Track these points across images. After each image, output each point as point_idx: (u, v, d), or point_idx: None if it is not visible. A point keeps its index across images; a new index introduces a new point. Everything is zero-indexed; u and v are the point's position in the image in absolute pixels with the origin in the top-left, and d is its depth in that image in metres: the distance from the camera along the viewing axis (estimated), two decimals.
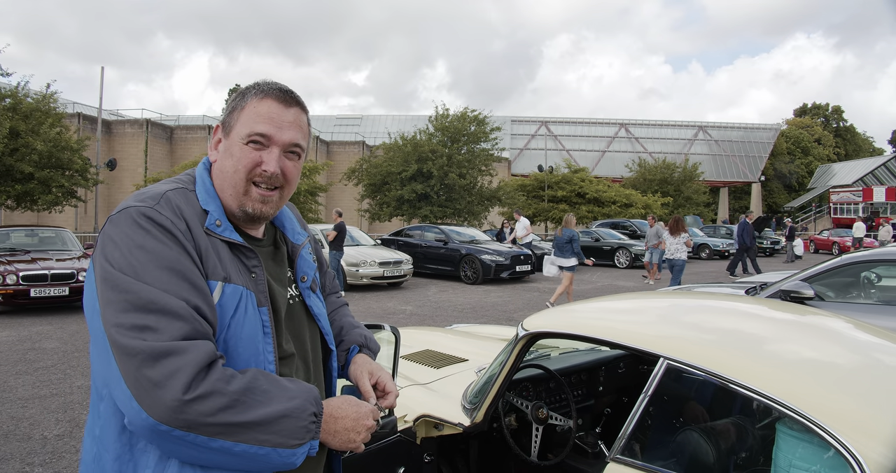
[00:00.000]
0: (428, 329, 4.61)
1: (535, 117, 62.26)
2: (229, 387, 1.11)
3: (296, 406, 1.18)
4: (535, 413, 2.57)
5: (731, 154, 59.01)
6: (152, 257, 1.15)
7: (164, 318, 1.10)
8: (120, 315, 1.10)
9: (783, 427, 1.65)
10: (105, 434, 1.21)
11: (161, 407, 1.05)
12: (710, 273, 19.83)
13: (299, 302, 1.48)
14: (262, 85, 1.36)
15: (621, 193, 34.67)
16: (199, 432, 1.08)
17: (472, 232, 19.32)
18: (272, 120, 1.32)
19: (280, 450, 1.15)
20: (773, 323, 2.28)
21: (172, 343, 1.09)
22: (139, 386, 1.07)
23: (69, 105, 33.07)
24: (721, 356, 1.85)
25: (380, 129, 48.63)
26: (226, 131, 1.36)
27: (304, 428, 1.18)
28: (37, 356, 7.57)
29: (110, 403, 1.19)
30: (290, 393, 1.19)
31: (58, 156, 18.35)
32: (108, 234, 1.20)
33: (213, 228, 1.28)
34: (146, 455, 1.17)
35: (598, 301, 2.79)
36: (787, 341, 2.07)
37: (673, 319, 2.31)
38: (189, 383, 1.07)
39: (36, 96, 18.88)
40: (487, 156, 28.32)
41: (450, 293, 14.37)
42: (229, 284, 1.25)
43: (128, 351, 1.08)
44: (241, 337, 1.25)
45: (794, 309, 2.60)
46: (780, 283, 6.14)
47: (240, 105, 1.35)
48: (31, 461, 4.31)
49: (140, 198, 1.25)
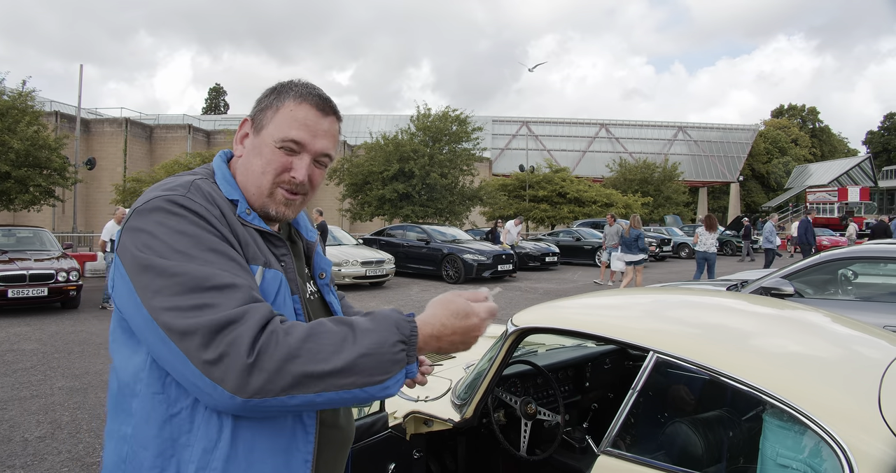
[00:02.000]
0: None
1: (516, 117, 62.44)
2: (288, 339, 1.07)
3: (372, 342, 1.10)
4: (524, 409, 2.59)
5: (710, 154, 59.65)
6: (195, 241, 1.13)
7: (221, 293, 1.08)
8: (175, 298, 1.08)
9: (770, 417, 1.69)
10: (141, 431, 1.17)
11: (232, 378, 1.03)
12: (691, 271, 20.00)
13: (318, 298, 1.48)
14: (301, 87, 1.33)
15: (602, 193, 34.90)
16: (274, 393, 1.04)
17: (454, 231, 19.34)
18: (308, 127, 1.30)
19: (367, 389, 1.10)
20: (756, 318, 2.33)
21: (231, 311, 1.06)
22: (206, 364, 1.04)
23: (47, 103, 32.58)
24: (709, 349, 1.88)
25: (361, 129, 48.46)
26: (256, 128, 1.33)
27: (390, 361, 1.11)
28: (15, 357, 7.46)
29: (147, 399, 1.17)
30: (363, 328, 1.12)
31: (35, 155, 18.04)
32: (136, 226, 1.16)
33: (245, 216, 1.27)
34: (189, 449, 1.15)
35: (583, 297, 2.82)
36: (771, 334, 2.11)
37: (658, 314, 2.35)
38: (250, 345, 1.04)
39: (12, 94, 18.54)
40: (469, 156, 28.35)
41: (432, 292, 14.36)
42: (269, 269, 1.25)
43: (186, 332, 1.05)
44: None
45: (775, 303, 2.66)
46: (760, 281, 6.23)
47: (275, 104, 1.31)
48: (13, 463, 4.26)
49: (167, 187, 1.23)
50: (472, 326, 1.21)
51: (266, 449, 1.18)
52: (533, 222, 36.50)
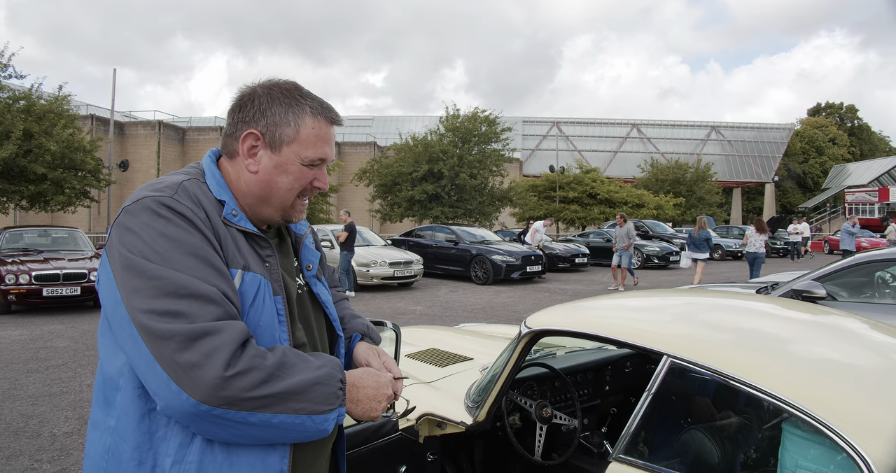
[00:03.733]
0: (434, 328, 4.58)
1: (546, 118, 62.12)
2: (266, 362, 1.14)
3: (325, 374, 1.22)
4: (539, 413, 2.54)
5: (745, 154, 58.57)
6: (176, 244, 1.16)
7: (197, 303, 1.12)
8: (150, 301, 1.11)
9: (790, 427, 1.61)
10: (122, 424, 1.20)
11: (202, 387, 1.07)
12: (722, 273, 19.70)
13: (307, 290, 1.50)
14: (312, 101, 1.37)
15: (633, 194, 34.56)
16: (239, 407, 1.09)
17: (483, 232, 19.26)
18: (328, 143, 1.38)
19: (314, 417, 1.18)
20: (786, 322, 2.24)
21: (207, 324, 1.10)
22: (177, 368, 1.07)
23: (82, 107, 33.36)
24: (726, 354, 1.81)
25: (391, 130, 48.63)
26: (272, 145, 1.34)
27: (334, 394, 1.22)
28: (48, 354, 7.61)
29: (128, 393, 1.20)
30: (318, 364, 1.23)
31: (70, 157, 18.49)
32: (125, 224, 1.20)
33: (230, 218, 1.31)
34: (166, 443, 1.18)
35: (611, 298, 2.75)
36: (800, 340, 2.02)
37: (688, 317, 2.27)
38: (228, 360, 1.08)
39: (49, 98, 19.02)
40: (498, 157, 28.26)
41: (460, 293, 14.34)
42: (248, 272, 1.28)
43: (162, 336, 1.09)
44: (258, 324, 1.27)
45: (807, 308, 2.55)
46: (791, 283, 6.07)
47: (292, 121, 1.33)
48: (40, 457, 4.33)
49: (156, 187, 1.26)
50: (382, 395, 1.37)
51: (244, 445, 1.21)
52: (563, 223, 36.28)
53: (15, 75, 18.36)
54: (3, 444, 4.58)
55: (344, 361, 1.59)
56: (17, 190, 17.89)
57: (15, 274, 10.32)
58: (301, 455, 1.31)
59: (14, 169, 17.47)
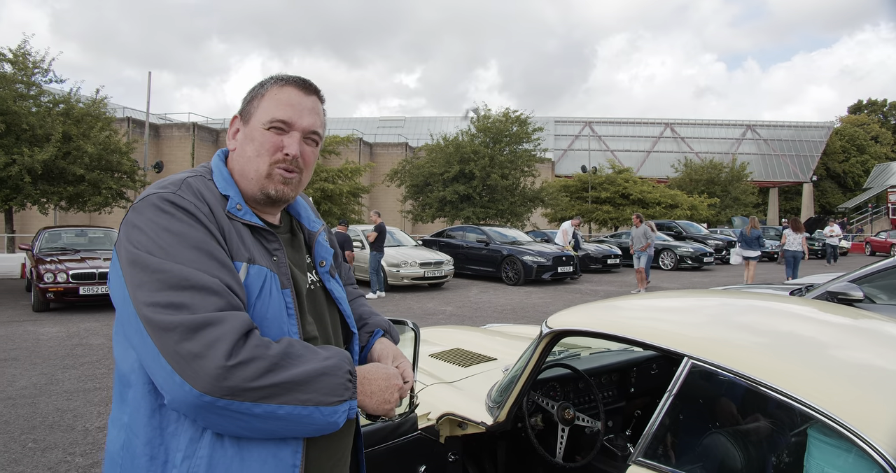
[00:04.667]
0: (459, 327, 4.57)
1: (579, 118, 61.67)
2: (269, 351, 1.13)
3: (332, 364, 1.21)
4: (561, 414, 2.51)
5: (781, 153, 57.42)
6: (179, 238, 1.18)
7: (199, 294, 1.12)
8: (153, 294, 1.12)
9: (815, 433, 1.56)
10: (134, 420, 1.22)
11: (204, 377, 1.07)
12: (758, 275, 19.35)
13: (320, 286, 1.50)
14: (281, 75, 1.41)
15: (666, 194, 34.12)
16: (243, 398, 1.09)
17: (514, 233, 19.18)
18: (293, 106, 1.37)
19: (322, 409, 1.17)
20: (822, 326, 2.16)
21: (209, 314, 1.11)
22: (179, 359, 1.08)
23: (119, 110, 34.04)
24: (755, 358, 1.76)
25: (423, 131, 48.70)
26: (245, 119, 1.40)
27: (342, 386, 1.20)
28: (83, 351, 7.77)
29: (138, 389, 1.21)
30: (325, 354, 1.22)
31: (107, 159, 18.91)
32: (131, 221, 1.22)
33: (235, 212, 1.31)
34: (177, 438, 1.19)
35: (642, 298, 2.71)
36: (837, 345, 1.95)
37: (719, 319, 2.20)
38: (230, 350, 1.08)
39: (87, 101, 19.47)
40: (530, 157, 28.15)
41: (490, 294, 14.31)
42: (254, 265, 1.28)
43: (164, 327, 1.09)
44: (265, 317, 1.27)
45: (845, 311, 2.47)
46: (827, 285, 5.93)
47: (259, 93, 1.39)
48: (73, 451, 4.43)
49: (161, 185, 1.28)
50: (392, 387, 1.35)
51: (254, 439, 1.20)
52: (595, 224, 35.98)
53: (55, 80, 18.92)
54: (39, 437, 4.69)
55: (358, 358, 1.59)
56: (56, 191, 18.33)
57: (53, 273, 10.56)
58: (315, 450, 1.30)
59: (53, 170, 17.89)
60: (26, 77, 18.09)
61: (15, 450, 4.43)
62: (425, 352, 3.44)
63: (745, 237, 15.64)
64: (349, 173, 24.88)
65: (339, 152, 26.20)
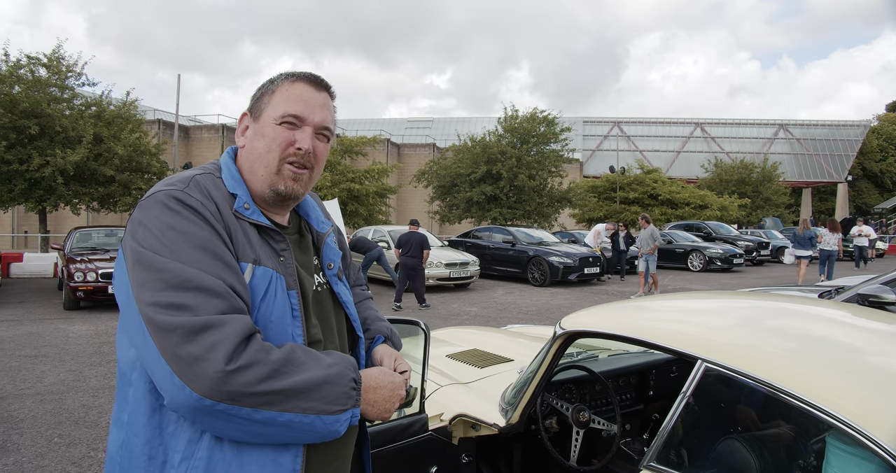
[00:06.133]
0: (479, 328, 4.54)
1: (607, 118, 61.23)
2: (270, 357, 1.12)
3: (336, 373, 1.19)
4: (576, 417, 2.48)
5: (815, 153, 56.30)
6: (185, 237, 1.16)
7: (201, 296, 1.11)
8: (156, 294, 1.11)
9: (834, 441, 1.51)
10: (134, 419, 1.21)
11: (204, 381, 1.05)
12: (790, 276, 19.02)
13: (327, 289, 1.48)
14: (292, 71, 1.40)
15: (696, 194, 33.64)
16: (243, 403, 1.08)
17: (540, 233, 19.04)
18: (305, 101, 1.35)
19: (324, 417, 1.16)
20: (854, 331, 2.08)
21: (211, 317, 1.09)
22: (180, 362, 1.07)
23: (150, 111, 34.60)
24: (770, 361, 1.71)
25: (451, 132, 48.68)
26: (255, 115, 1.38)
27: (346, 394, 1.19)
28: (110, 349, 7.88)
29: (139, 388, 1.20)
30: (328, 362, 1.21)
31: (137, 160, 19.31)
32: (137, 219, 1.21)
33: (242, 211, 1.30)
34: (176, 439, 1.18)
35: (669, 299, 2.65)
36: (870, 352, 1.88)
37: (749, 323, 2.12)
38: (231, 354, 1.07)
39: (118, 104, 19.86)
40: (557, 157, 27.95)
41: (516, 295, 14.24)
42: (259, 266, 1.26)
43: (165, 328, 1.08)
44: (270, 319, 1.25)
45: (879, 315, 2.38)
46: (857, 287, 5.79)
47: (269, 89, 1.37)
48: (96, 446, 4.50)
49: (169, 182, 1.27)
50: (396, 396, 1.35)
51: (254, 443, 1.19)
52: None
53: (87, 83, 19.31)
54: (65, 432, 4.77)
55: (364, 363, 1.57)
56: (87, 191, 18.73)
57: (83, 272, 10.75)
58: (316, 455, 1.28)
59: (85, 172, 18.30)
60: (60, 81, 18.50)
61: (41, 445, 4.51)
62: (442, 353, 3.43)
63: (798, 237, 16.35)
64: (376, 174, 24.95)
65: (365, 153, 26.28)
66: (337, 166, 23.64)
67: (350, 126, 53.02)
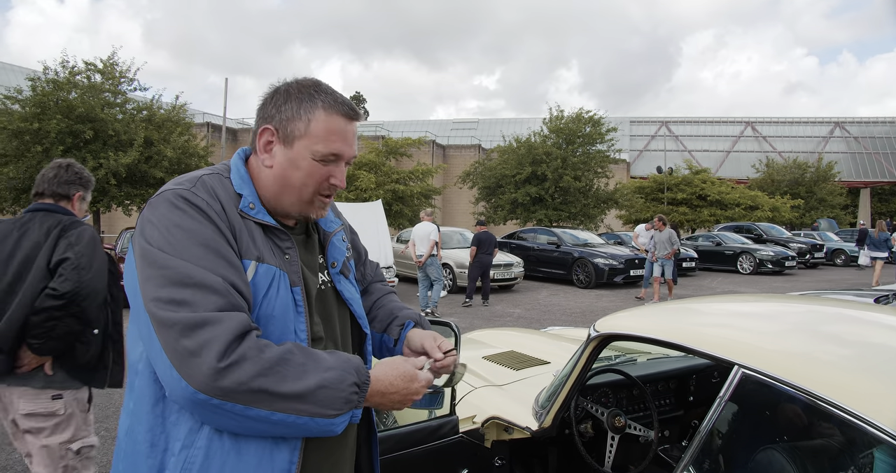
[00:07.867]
0: (517, 330, 4.50)
1: (655, 117, 60.28)
2: (263, 355, 1.14)
3: (333, 377, 1.20)
4: (611, 422, 2.42)
5: (874, 151, 54.31)
6: (189, 235, 1.20)
7: (200, 292, 1.15)
8: (158, 289, 1.15)
9: (882, 455, 1.43)
10: (139, 407, 1.25)
11: (198, 376, 1.09)
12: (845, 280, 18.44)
13: (330, 287, 1.50)
14: (325, 95, 1.35)
15: (746, 195, 32.84)
16: (235, 400, 1.11)
17: (586, 235, 18.86)
18: (343, 138, 1.36)
19: (318, 420, 1.18)
20: None
21: (208, 314, 1.13)
22: (178, 356, 1.11)
23: (199, 115, 35.39)
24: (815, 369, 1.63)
25: (496, 133, 48.54)
26: (285, 140, 1.35)
27: (344, 399, 1.20)
28: None
29: (144, 378, 1.25)
30: (328, 364, 1.21)
31: (186, 163, 19.80)
32: (146, 217, 1.25)
33: (247, 210, 1.33)
34: (177, 428, 1.22)
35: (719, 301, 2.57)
36: None
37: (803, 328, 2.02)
38: (223, 351, 1.10)
39: (167, 107, 20.40)
40: (603, 158, 27.64)
41: (560, 297, 14.12)
42: (262, 264, 1.29)
43: (166, 323, 1.12)
44: (272, 315, 1.28)
45: None
46: None
47: (303, 116, 1.33)
48: None
49: (177, 182, 1.31)
50: (413, 390, 1.34)
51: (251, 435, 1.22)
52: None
53: (139, 88, 19.92)
54: (111, 426, 4.86)
55: (371, 361, 1.58)
56: (138, 193, 19.25)
57: None
58: (314, 448, 1.32)
59: (136, 174, 18.83)
60: (113, 86, 19.08)
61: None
62: (479, 355, 3.40)
63: (874, 239, 17.11)
64: (420, 175, 25.03)
65: (410, 154, 26.38)
66: (382, 167, 23.77)
67: (396, 128, 53.30)
